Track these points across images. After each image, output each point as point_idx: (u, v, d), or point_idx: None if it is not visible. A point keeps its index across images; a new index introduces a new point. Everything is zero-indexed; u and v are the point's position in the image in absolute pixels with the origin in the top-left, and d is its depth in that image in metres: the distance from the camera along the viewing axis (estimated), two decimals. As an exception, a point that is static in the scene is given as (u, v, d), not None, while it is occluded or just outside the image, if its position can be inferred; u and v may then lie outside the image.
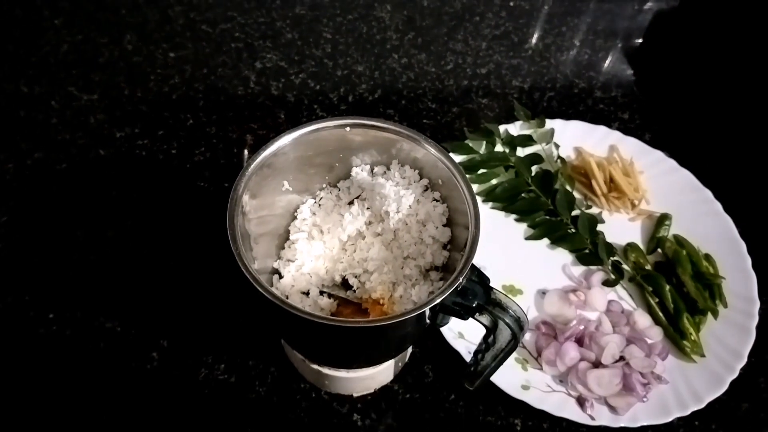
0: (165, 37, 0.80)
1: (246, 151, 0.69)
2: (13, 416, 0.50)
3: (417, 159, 0.47)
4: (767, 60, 0.86)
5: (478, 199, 0.64)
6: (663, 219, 0.64)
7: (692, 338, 0.56)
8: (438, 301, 0.37)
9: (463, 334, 0.54)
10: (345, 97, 0.76)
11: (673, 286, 0.59)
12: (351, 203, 0.49)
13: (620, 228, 0.65)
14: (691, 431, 0.53)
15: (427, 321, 0.40)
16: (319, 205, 0.50)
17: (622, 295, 0.60)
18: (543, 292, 0.59)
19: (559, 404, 0.51)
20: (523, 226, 0.64)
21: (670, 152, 0.69)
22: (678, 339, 0.56)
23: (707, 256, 0.62)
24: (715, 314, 0.58)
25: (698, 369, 0.54)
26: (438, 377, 0.54)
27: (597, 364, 0.54)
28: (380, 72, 0.79)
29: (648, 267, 0.61)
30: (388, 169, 0.49)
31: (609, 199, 0.66)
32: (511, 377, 0.52)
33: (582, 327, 0.56)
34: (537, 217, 0.64)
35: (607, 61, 0.85)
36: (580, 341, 0.55)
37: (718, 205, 0.64)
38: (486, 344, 0.43)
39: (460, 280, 0.38)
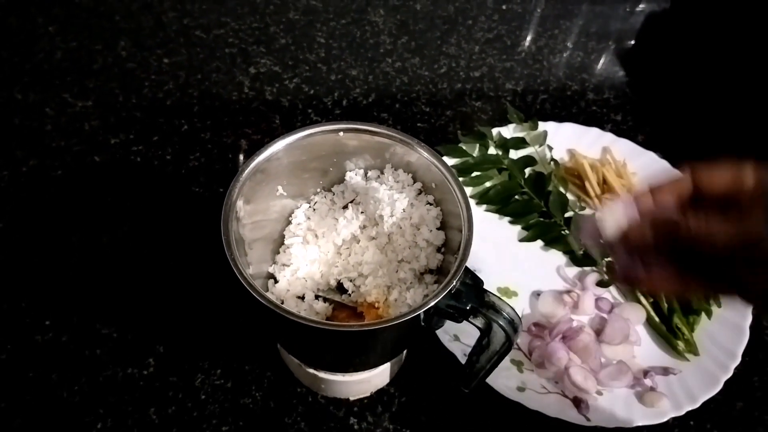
0: (159, 43, 0.80)
1: (241, 156, 0.70)
2: (10, 422, 0.50)
3: (410, 163, 0.48)
4: (759, 60, 0.86)
5: (472, 201, 0.65)
6: (656, 220, 0.65)
7: (686, 338, 0.56)
8: (432, 304, 0.37)
9: (458, 337, 0.54)
10: (339, 102, 0.76)
11: (666, 286, 0.59)
12: (345, 207, 0.50)
13: (614, 229, 0.65)
14: (685, 431, 0.53)
15: (422, 324, 0.40)
16: (314, 209, 0.50)
17: (616, 296, 0.60)
18: (538, 294, 0.59)
19: (555, 405, 0.51)
20: (517, 228, 0.65)
21: (663, 153, 0.70)
22: (671, 339, 0.56)
23: (700, 256, 0.62)
24: (709, 314, 0.58)
25: (692, 369, 0.55)
26: (433, 380, 0.54)
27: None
28: (374, 76, 0.80)
29: (642, 267, 0.61)
30: (382, 173, 0.49)
31: (602, 200, 0.66)
32: (506, 379, 0.52)
33: (568, 326, 0.56)
34: (530, 219, 0.65)
35: (600, 63, 0.85)
36: (571, 340, 0.56)
37: (711, 206, 0.65)
38: (480, 346, 0.43)
39: (454, 283, 0.38)
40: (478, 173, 0.67)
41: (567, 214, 0.65)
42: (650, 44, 0.89)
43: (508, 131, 0.70)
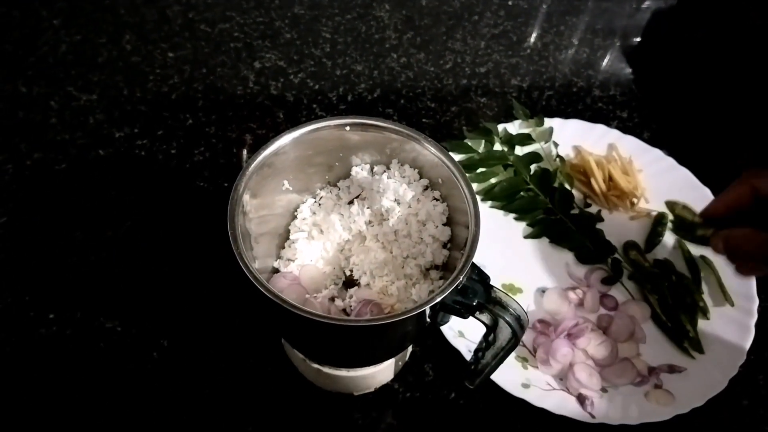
0: (164, 37, 0.80)
1: (245, 151, 0.69)
2: (13, 416, 0.50)
3: (417, 158, 0.47)
4: (765, 58, 0.86)
5: (477, 198, 0.65)
6: (662, 217, 0.65)
7: (691, 336, 0.56)
8: (438, 299, 0.37)
9: (464, 333, 0.54)
10: (344, 97, 0.76)
11: (671, 283, 0.59)
12: (351, 203, 0.49)
13: (619, 226, 0.65)
14: (690, 429, 0.53)
15: (428, 320, 0.40)
16: (319, 204, 0.50)
17: (622, 293, 0.60)
18: (543, 291, 0.59)
19: (560, 402, 0.51)
20: (522, 224, 0.64)
21: (669, 150, 0.69)
22: (677, 336, 0.56)
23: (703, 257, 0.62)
24: (715, 312, 0.58)
25: (698, 366, 0.54)
26: (438, 376, 0.54)
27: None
28: (379, 71, 0.80)
29: (647, 265, 0.61)
30: (388, 168, 0.49)
31: (608, 197, 0.66)
32: (511, 375, 0.52)
33: (574, 323, 0.56)
34: (536, 215, 0.64)
35: (606, 60, 0.85)
36: (576, 337, 0.55)
37: (717, 203, 0.65)
38: (486, 343, 0.43)
39: (461, 279, 0.38)
40: (483, 169, 0.67)
41: (573, 211, 0.64)
42: (656, 41, 0.89)
43: (514, 127, 0.70)
